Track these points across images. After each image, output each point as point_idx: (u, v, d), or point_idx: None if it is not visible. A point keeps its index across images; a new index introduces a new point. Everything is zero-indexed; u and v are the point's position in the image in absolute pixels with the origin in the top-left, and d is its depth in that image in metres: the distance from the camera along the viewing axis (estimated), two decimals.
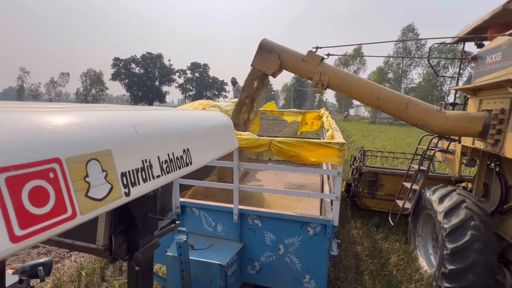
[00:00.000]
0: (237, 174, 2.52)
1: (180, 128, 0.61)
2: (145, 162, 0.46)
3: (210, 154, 0.74)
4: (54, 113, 0.37)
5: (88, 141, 0.36)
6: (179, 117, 0.65)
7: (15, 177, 0.27)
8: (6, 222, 0.26)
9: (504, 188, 3.27)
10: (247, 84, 3.74)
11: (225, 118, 0.94)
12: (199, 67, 59.53)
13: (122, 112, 0.49)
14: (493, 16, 3.23)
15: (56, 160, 0.31)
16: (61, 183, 0.31)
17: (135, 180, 0.43)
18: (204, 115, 0.80)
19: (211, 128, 0.78)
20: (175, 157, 0.55)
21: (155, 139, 0.50)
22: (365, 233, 4.57)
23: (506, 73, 2.69)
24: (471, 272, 2.74)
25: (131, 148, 0.44)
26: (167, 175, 0.52)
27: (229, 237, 2.67)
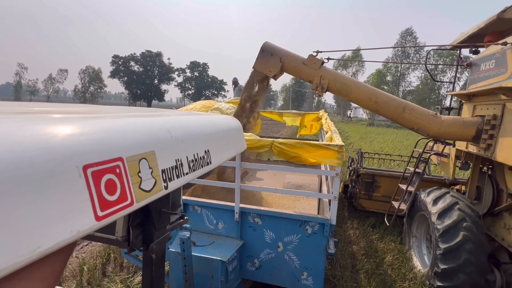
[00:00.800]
0: (239, 173, 2.60)
1: (202, 131, 0.69)
2: (178, 161, 0.54)
3: (225, 155, 0.82)
4: (112, 118, 0.46)
5: (139, 143, 0.45)
6: (200, 122, 0.73)
7: (97, 171, 0.36)
8: (93, 205, 0.34)
9: (495, 191, 3.38)
10: (248, 86, 3.82)
11: (235, 122, 1.02)
12: (199, 66, 59.51)
13: (158, 118, 0.57)
14: (488, 25, 3.35)
15: (120, 159, 0.40)
16: (123, 177, 0.40)
17: (171, 176, 0.51)
18: (219, 120, 0.89)
19: (225, 131, 0.86)
20: (199, 157, 0.63)
21: (184, 141, 0.58)
22: (362, 233, 4.68)
23: (498, 81, 2.79)
24: (462, 272, 2.85)
25: (168, 149, 0.52)
26: (193, 172, 0.60)
27: (230, 234, 2.75)
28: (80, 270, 3.46)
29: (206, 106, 5.47)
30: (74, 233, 0.31)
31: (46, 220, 0.29)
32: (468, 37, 3.79)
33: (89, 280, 3.36)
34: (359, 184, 5.34)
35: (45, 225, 0.28)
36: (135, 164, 0.42)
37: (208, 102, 5.65)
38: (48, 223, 0.29)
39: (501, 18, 3.11)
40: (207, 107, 5.55)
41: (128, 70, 54.53)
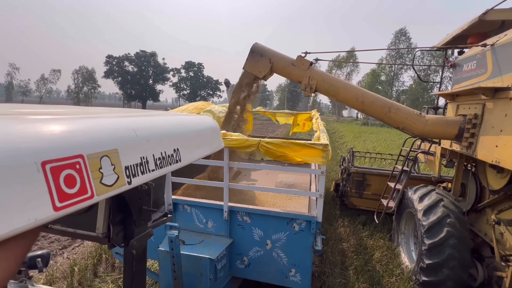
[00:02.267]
0: (227, 172, 2.65)
1: (171, 131, 0.73)
2: (143, 158, 0.59)
3: (197, 153, 0.86)
4: (78, 119, 0.50)
5: (101, 142, 0.49)
6: (171, 122, 0.77)
7: (56, 167, 0.40)
8: (51, 196, 0.38)
9: (479, 188, 3.48)
10: (237, 90, 3.87)
11: (212, 122, 1.06)
12: (194, 66, 59.31)
13: (125, 118, 0.62)
14: (471, 26, 3.45)
15: (81, 156, 0.44)
16: (83, 172, 0.44)
17: (135, 172, 0.56)
18: (193, 120, 0.93)
19: (199, 131, 0.90)
20: (167, 155, 0.68)
21: (151, 140, 0.62)
22: (352, 230, 4.76)
23: (479, 81, 2.89)
24: (446, 266, 2.94)
25: (132, 147, 0.56)
26: (160, 170, 0.64)
27: (219, 233, 2.79)
28: (71, 271, 3.46)
29: (198, 108, 5.50)
30: (32, 221, 0.35)
31: (4, 209, 0.33)
32: (452, 38, 3.89)
33: (80, 280, 3.36)
34: (350, 182, 5.42)
35: (3, 213, 0.33)
36: (96, 161, 0.46)
37: (201, 104, 5.68)
38: (5, 211, 0.33)
39: (483, 20, 3.21)
40: (199, 108, 5.58)
41: (122, 70, 54.09)
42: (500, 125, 2.48)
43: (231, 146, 2.51)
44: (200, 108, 5.33)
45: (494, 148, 2.52)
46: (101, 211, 0.97)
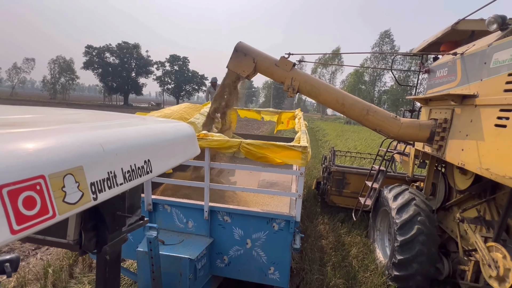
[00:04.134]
0: (208, 173, 2.65)
1: (141, 143, 0.74)
2: (110, 173, 0.59)
3: (170, 162, 0.87)
4: (39, 136, 0.50)
5: (65, 160, 0.49)
6: (143, 133, 0.77)
7: (14, 190, 0.40)
8: (8, 220, 0.39)
9: (447, 188, 3.71)
10: (219, 94, 3.86)
11: (188, 129, 1.07)
12: (179, 60, 57.91)
13: (93, 132, 0.62)
14: (444, 34, 3.62)
15: (42, 177, 0.44)
16: (45, 193, 0.44)
17: (102, 187, 0.56)
18: (166, 128, 0.93)
19: (172, 140, 0.91)
20: (136, 167, 0.68)
21: (119, 154, 0.63)
22: (331, 228, 4.92)
23: (449, 87, 3.06)
24: (415, 262, 3.12)
25: (99, 163, 0.57)
26: (129, 183, 0.65)
27: (200, 232, 2.80)
28: (44, 272, 3.34)
29: (192, 108, 5.42)
30: None
31: None
32: (428, 45, 4.08)
33: (54, 282, 3.26)
34: (330, 181, 5.58)
35: None
36: (59, 180, 0.47)
37: (194, 106, 5.59)
38: None
39: (455, 29, 3.39)
40: (193, 108, 5.50)
41: (103, 61, 51.83)
42: (466, 130, 2.65)
43: (212, 147, 2.52)
44: (193, 108, 5.27)
45: (460, 151, 2.69)
46: (73, 217, 0.96)
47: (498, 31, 2.54)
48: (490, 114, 2.32)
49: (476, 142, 2.46)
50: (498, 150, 2.17)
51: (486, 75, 2.47)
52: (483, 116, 2.42)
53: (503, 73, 2.24)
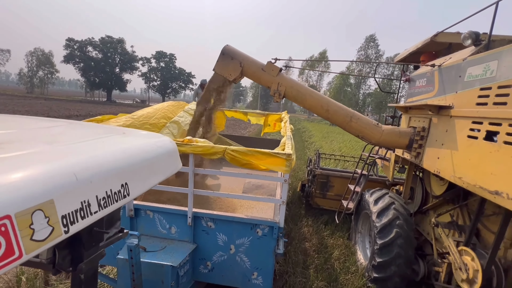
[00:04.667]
0: (192, 179, 2.63)
1: (119, 166, 0.72)
2: (84, 202, 0.58)
3: (149, 182, 0.86)
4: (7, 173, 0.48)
5: (34, 196, 0.47)
6: (120, 155, 0.76)
7: None
8: None
9: (424, 193, 3.87)
10: (204, 97, 3.82)
11: (169, 144, 1.06)
12: (165, 57, 56.72)
13: (66, 159, 0.60)
14: (424, 45, 3.77)
15: (7, 217, 0.42)
16: (10, 234, 0.43)
17: (74, 219, 0.55)
18: (146, 146, 0.92)
19: (152, 158, 0.90)
20: (112, 192, 0.67)
21: (94, 181, 0.62)
22: (315, 230, 5.00)
23: (427, 97, 3.20)
24: (394, 264, 3.24)
25: (72, 193, 0.55)
26: (104, 209, 0.64)
27: (183, 238, 2.77)
28: (17, 280, 3.19)
29: (176, 106, 5.33)
30: None
31: None
32: (409, 54, 4.23)
33: None
34: (315, 183, 5.68)
35: None
36: (27, 217, 0.45)
37: (178, 104, 5.49)
38: None
39: (434, 41, 3.54)
40: (177, 106, 5.41)
41: (85, 55, 49.81)
42: (441, 139, 2.78)
43: (197, 153, 2.49)
44: (176, 106, 5.18)
45: (436, 159, 2.82)
46: None
47: (472, 46, 2.69)
48: (464, 126, 2.45)
49: (450, 151, 2.58)
50: (470, 160, 2.29)
51: (460, 88, 2.60)
52: (457, 127, 2.54)
53: (475, 87, 2.37)
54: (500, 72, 2.11)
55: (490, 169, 2.05)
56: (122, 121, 4.09)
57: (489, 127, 2.14)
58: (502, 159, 1.95)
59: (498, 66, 2.14)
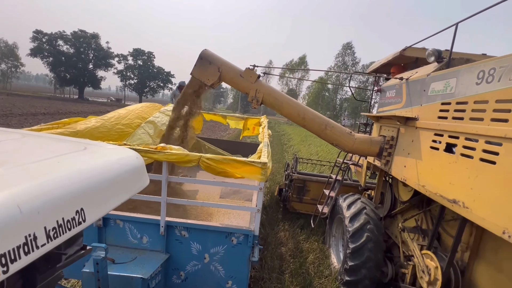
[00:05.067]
0: (165, 187, 2.55)
1: (73, 190, 0.68)
2: (29, 236, 0.53)
3: (111, 204, 0.82)
4: None
5: None
6: (75, 178, 0.72)
7: None
8: None
9: (393, 198, 4.08)
10: (181, 100, 3.75)
11: (135, 160, 1.02)
12: (143, 55, 54.84)
13: (9, 191, 0.55)
14: (394, 58, 3.99)
15: None
16: None
17: (15, 256, 0.50)
18: (108, 165, 0.88)
19: (114, 178, 0.86)
20: (65, 221, 0.63)
21: (42, 211, 0.57)
22: (291, 234, 5.07)
23: (395, 108, 3.38)
24: (364, 267, 3.37)
25: (14, 228, 0.51)
26: (54, 241, 0.60)
27: (155, 248, 2.68)
28: None
29: (150, 107, 5.15)
30: None
31: None
32: (380, 66, 4.45)
33: None
34: (292, 188, 5.77)
35: None
36: None
37: (151, 106, 5.31)
38: None
39: (402, 55, 3.75)
40: (151, 108, 5.23)
41: (55, 49, 46.70)
42: (408, 149, 2.95)
43: (171, 160, 2.43)
44: (151, 108, 5.01)
45: (403, 167, 2.99)
46: None
47: (435, 63, 2.89)
48: (427, 137, 2.61)
49: (415, 160, 2.75)
50: (432, 170, 2.45)
51: (425, 101, 2.78)
52: (421, 138, 2.71)
53: (437, 102, 2.54)
54: (458, 89, 2.28)
55: (449, 179, 2.21)
56: (92, 123, 3.89)
57: (448, 140, 2.30)
58: (459, 170, 2.11)
59: (457, 83, 2.32)
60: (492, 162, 1.82)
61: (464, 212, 2.01)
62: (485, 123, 1.93)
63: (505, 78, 1.82)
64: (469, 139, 2.06)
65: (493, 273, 2.28)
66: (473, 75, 2.12)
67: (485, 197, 1.84)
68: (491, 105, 1.90)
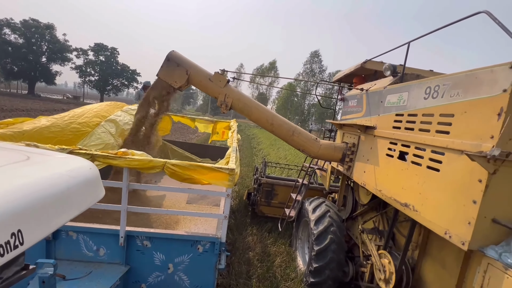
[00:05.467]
0: (126, 195, 2.40)
1: (8, 212, 0.60)
2: None
3: (56, 222, 0.75)
4: None
5: None
6: (12, 196, 0.64)
7: None
8: None
9: (354, 201, 4.33)
10: (146, 101, 3.59)
11: (87, 171, 0.94)
12: (106, 50, 51.31)
13: None
14: (356, 70, 4.26)
15: None
16: None
17: None
18: (54, 179, 0.80)
19: (62, 192, 0.78)
20: None
21: None
22: (259, 238, 5.10)
23: (357, 117, 3.61)
24: (328, 268, 3.51)
25: None
26: None
27: (113, 260, 2.50)
28: None
29: (112, 106, 4.82)
30: None
31: None
32: (344, 76, 4.72)
33: None
34: (260, 192, 5.82)
35: None
36: None
37: (112, 105, 4.97)
38: None
39: (363, 67, 4.03)
40: (115, 106, 4.89)
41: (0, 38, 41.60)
42: (367, 155, 3.16)
43: (132, 167, 2.30)
44: (114, 106, 4.68)
45: (363, 173, 3.19)
46: None
47: (391, 76, 3.15)
48: (383, 145, 2.83)
49: (373, 166, 2.95)
50: (387, 175, 2.66)
51: (382, 112, 3.01)
52: (378, 146, 2.93)
53: (392, 113, 2.77)
54: (410, 102, 2.51)
55: (402, 184, 2.41)
56: (42, 122, 3.53)
57: (401, 148, 2.52)
58: (410, 176, 2.31)
59: (408, 97, 2.55)
60: (437, 169, 2.03)
61: (414, 215, 2.20)
62: (431, 134, 2.15)
63: (447, 94, 2.05)
64: (418, 148, 2.27)
65: (438, 269, 2.53)
66: (422, 90, 2.35)
67: (430, 201, 2.04)
68: (436, 118, 2.13)
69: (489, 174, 1.61)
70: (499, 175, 1.61)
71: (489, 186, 1.63)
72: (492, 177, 1.62)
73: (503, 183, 1.63)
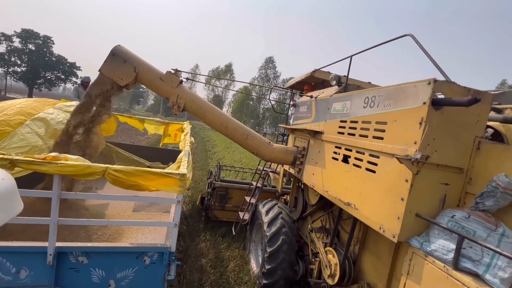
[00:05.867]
0: (56, 206, 2.09)
1: None
2: None
3: None
4: None
5: None
6: None
7: None
8: None
9: (304, 202, 4.56)
10: (86, 100, 3.22)
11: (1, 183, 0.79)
12: (37, 38, 44.53)
13: None
14: (306, 78, 4.52)
15: None
16: None
17: None
18: None
19: None
20: None
21: None
22: (212, 244, 4.99)
23: (306, 122, 3.83)
24: (280, 269, 3.61)
25: None
26: None
27: (39, 283, 2.15)
28: None
29: (40, 102, 4.16)
30: None
31: None
32: (296, 83, 4.97)
33: None
34: (214, 196, 5.71)
35: None
36: None
37: (43, 101, 4.30)
38: None
39: (313, 76, 4.30)
40: (41, 102, 4.22)
41: None
42: (316, 158, 3.36)
43: (67, 173, 2.02)
44: (36, 107, 4.03)
45: (312, 175, 3.38)
46: None
47: (336, 86, 3.42)
48: (330, 149, 3.05)
49: (321, 169, 3.16)
50: (333, 177, 2.87)
51: (328, 118, 3.24)
52: (325, 149, 3.14)
53: (337, 119, 3.01)
54: (352, 110, 2.77)
55: (345, 185, 2.63)
56: None
57: (345, 152, 2.74)
58: (352, 177, 2.53)
59: (351, 105, 2.80)
60: (373, 171, 2.26)
61: (355, 213, 2.42)
62: (369, 139, 2.39)
63: (381, 104, 2.31)
64: (359, 152, 2.51)
65: (374, 260, 2.81)
66: (361, 99, 2.60)
67: (368, 200, 2.27)
68: (372, 125, 2.38)
69: (413, 174, 1.86)
70: (420, 175, 1.88)
71: (413, 185, 1.88)
72: (415, 177, 1.87)
73: (423, 182, 1.91)
